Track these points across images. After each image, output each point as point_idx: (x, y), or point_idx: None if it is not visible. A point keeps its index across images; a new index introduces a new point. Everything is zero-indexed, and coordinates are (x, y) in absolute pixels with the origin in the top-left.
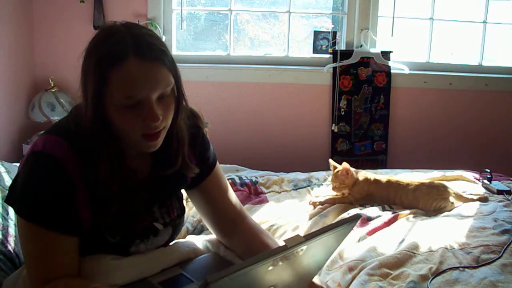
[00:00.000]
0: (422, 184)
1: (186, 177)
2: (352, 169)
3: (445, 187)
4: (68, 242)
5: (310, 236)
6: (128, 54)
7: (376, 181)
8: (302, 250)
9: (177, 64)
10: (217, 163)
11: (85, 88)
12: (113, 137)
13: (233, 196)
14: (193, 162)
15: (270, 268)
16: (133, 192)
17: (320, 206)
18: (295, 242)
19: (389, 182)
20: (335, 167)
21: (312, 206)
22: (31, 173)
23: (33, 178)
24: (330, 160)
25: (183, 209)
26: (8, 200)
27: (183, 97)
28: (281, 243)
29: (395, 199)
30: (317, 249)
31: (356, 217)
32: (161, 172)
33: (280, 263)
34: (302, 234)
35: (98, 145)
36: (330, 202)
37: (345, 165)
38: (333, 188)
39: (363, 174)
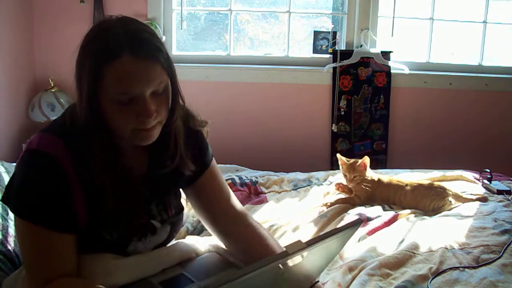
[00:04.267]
0: (421, 185)
1: (183, 174)
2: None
3: (443, 188)
4: (65, 240)
5: (311, 242)
6: (122, 51)
7: (378, 181)
8: (303, 256)
9: (177, 64)
10: (214, 161)
11: (80, 82)
12: (107, 132)
13: (230, 195)
14: (189, 160)
15: (270, 273)
16: (128, 189)
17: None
18: (296, 248)
19: (389, 182)
20: (346, 162)
21: (324, 208)
22: (26, 171)
23: (28, 176)
24: (339, 155)
25: (181, 207)
26: (5, 200)
27: (178, 93)
28: (282, 243)
29: (394, 198)
30: (318, 254)
31: (358, 221)
32: (158, 170)
33: (281, 268)
34: (302, 234)
35: (92, 140)
36: (340, 202)
37: (366, 159)
38: (350, 181)
39: (366, 174)
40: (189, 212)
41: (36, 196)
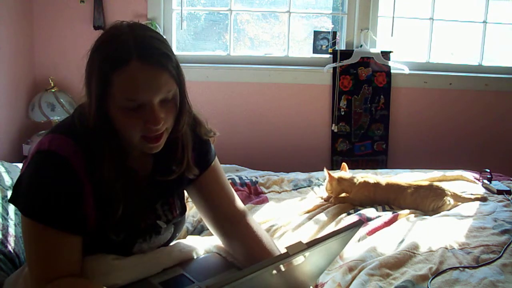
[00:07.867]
0: (421, 186)
1: (187, 177)
2: (348, 174)
3: (442, 189)
4: (73, 241)
5: (312, 243)
6: (131, 58)
7: (376, 184)
8: (304, 256)
9: None
10: (216, 160)
11: (89, 88)
12: (115, 136)
13: (232, 193)
14: (194, 163)
15: (272, 274)
16: (136, 191)
17: (322, 205)
18: (297, 249)
19: (388, 185)
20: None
21: (322, 201)
22: (37, 171)
23: (39, 177)
24: (325, 170)
25: (184, 208)
26: (13, 200)
27: (186, 101)
28: (281, 244)
29: (394, 201)
30: (319, 255)
31: (359, 223)
32: (164, 175)
33: (282, 269)
34: (302, 234)
35: (100, 144)
36: (341, 201)
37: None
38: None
39: (362, 177)
40: (189, 212)
41: (46, 196)
